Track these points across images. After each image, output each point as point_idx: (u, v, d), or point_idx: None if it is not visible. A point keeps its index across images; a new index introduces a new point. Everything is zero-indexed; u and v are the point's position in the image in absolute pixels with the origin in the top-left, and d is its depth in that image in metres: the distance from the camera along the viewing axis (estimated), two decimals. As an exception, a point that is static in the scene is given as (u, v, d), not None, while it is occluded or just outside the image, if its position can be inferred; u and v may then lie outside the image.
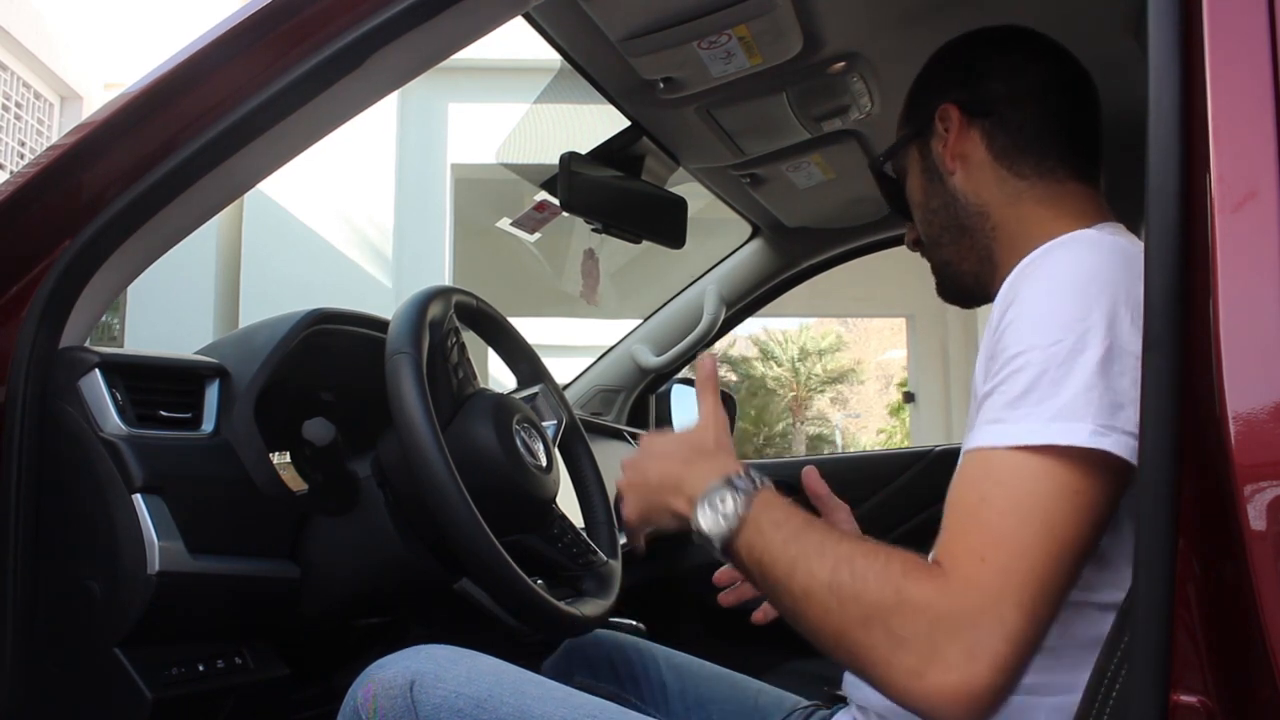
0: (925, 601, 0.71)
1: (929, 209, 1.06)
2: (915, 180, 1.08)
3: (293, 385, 1.12)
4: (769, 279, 2.18)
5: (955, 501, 0.78)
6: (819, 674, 1.50)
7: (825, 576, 0.75)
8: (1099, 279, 0.79)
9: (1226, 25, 0.65)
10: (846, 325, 22.19)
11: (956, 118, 1.01)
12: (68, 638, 0.95)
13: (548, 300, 6.85)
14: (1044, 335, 0.77)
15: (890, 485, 2.17)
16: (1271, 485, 0.59)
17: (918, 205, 1.08)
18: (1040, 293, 0.80)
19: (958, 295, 1.08)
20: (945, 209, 1.04)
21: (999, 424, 0.76)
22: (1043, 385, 0.75)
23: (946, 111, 1.02)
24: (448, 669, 0.88)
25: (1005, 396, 0.77)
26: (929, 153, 1.05)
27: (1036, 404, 0.75)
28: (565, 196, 1.43)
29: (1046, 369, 0.75)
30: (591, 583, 1.23)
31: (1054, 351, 0.76)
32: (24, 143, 6.06)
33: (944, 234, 1.05)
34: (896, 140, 1.09)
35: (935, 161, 1.04)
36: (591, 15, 1.22)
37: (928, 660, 0.70)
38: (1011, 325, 0.80)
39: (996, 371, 0.79)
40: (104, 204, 0.96)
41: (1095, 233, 0.87)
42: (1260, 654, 0.58)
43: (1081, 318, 0.77)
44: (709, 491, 0.84)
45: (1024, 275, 0.83)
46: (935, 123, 1.03)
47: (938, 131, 1.03)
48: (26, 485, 0.94)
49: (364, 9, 0.92)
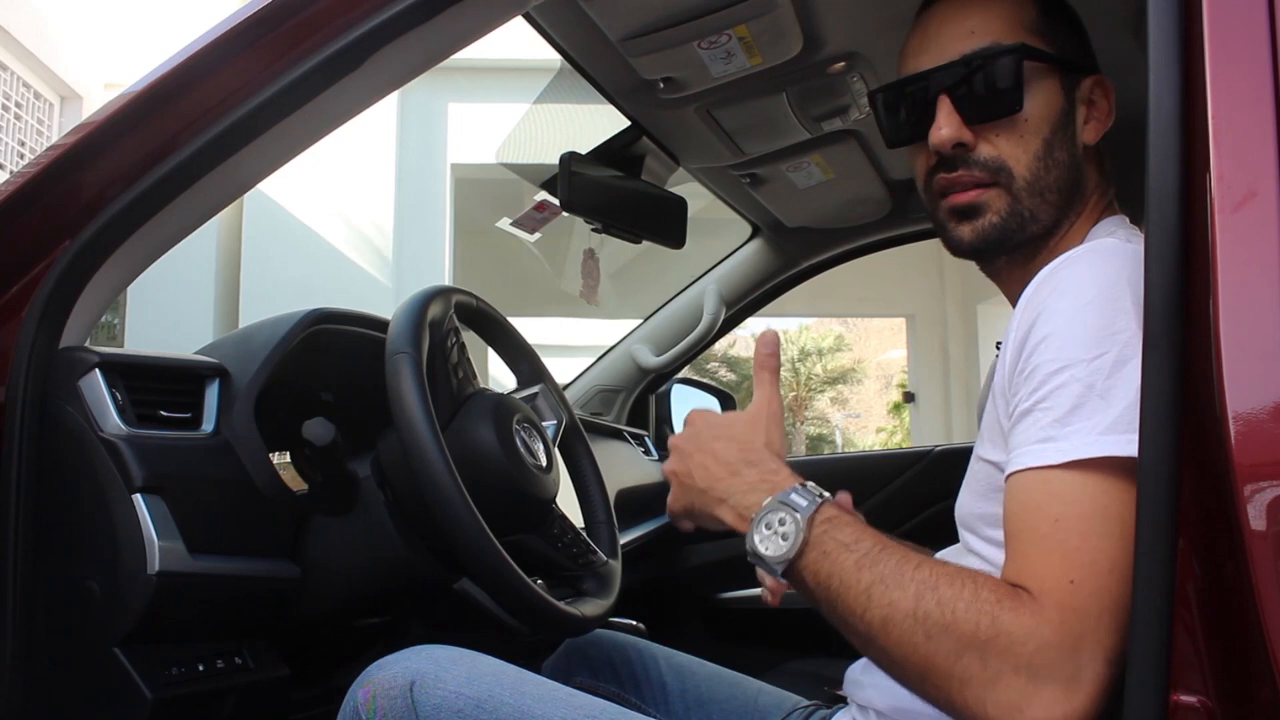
0: (1025, 632, 0.69)
1: (1051, 157, 0.94)
2: (1044, 121, 0.94)
3: (293, 385, 1.12)
4: (769, 279, 2.18)
5: (1025, 529, 0.74)
6: (819, 674, 1.50)
7: (908, 605, 0.72)
8: (1127, 289, 0.77)
9: (1226, 25, 0.65)
10: (846, 325, 22.17)
11: (1108, 102, 0.98)
12: (68, 638, 0.95)
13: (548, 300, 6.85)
14: (1084, 349, 0.75)
15: (890, 485, 2.17)
16: (1271, 485, 0.59)
17: (1037, 137, 0.94)
18: (1071, 307, 0.78)
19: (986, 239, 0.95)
20: (1067, 168, 0.95)
21: (1051, 442, 0.74)
22: (1092, 400, 0.74)
23: (1105, 85, 0.98)
24: (448, 669, 0.88)
25: (1053, 414, 0.75)
26: (1072, 102, 0.96)
27: (1089, 418, 0.73)
28: (565, 196, 1.43)
29: (1093, 383, 0.74)
30: (591, 583, 1.23)
31: (1098, 365, 0.74)
32: (24, 143, 6.06)
33: (1049, 188, 0.94)
34: (1045, 51, 0.94)
35: (1076, 121, 0.96)
36: (591, 15, 1.22)
37: (1029, 694, 0.68)
38: (1046, 341, 0.77)
39: (1036, 388, 0.77)
40: (104, 204, 0.96)
41: (1113, 241, 0.86)
42: (1260, 654, 0.58)
43: (1118, 329, 0.75)
44: (764, 512, 0.80)
45: (1047, 285, 0.81)
46: (1088, 87, 0.97)
47: (1086, 97, 0.97)
48: (26, 485, 0.94)
49: (364, 9, 0.92)
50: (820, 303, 10.06)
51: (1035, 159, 0.94)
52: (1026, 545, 0.74)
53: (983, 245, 0.95)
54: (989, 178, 0.94)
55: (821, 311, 15.12)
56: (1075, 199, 0.96)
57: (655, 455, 2.22)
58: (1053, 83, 0.95)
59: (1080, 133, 0.97)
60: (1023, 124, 0.93)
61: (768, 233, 2.10)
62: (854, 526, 0.79)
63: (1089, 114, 0.97)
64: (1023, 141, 0.93)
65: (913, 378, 10.29)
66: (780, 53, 1.34)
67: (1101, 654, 0.68)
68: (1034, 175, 0.93)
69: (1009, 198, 0.94)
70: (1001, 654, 0.69)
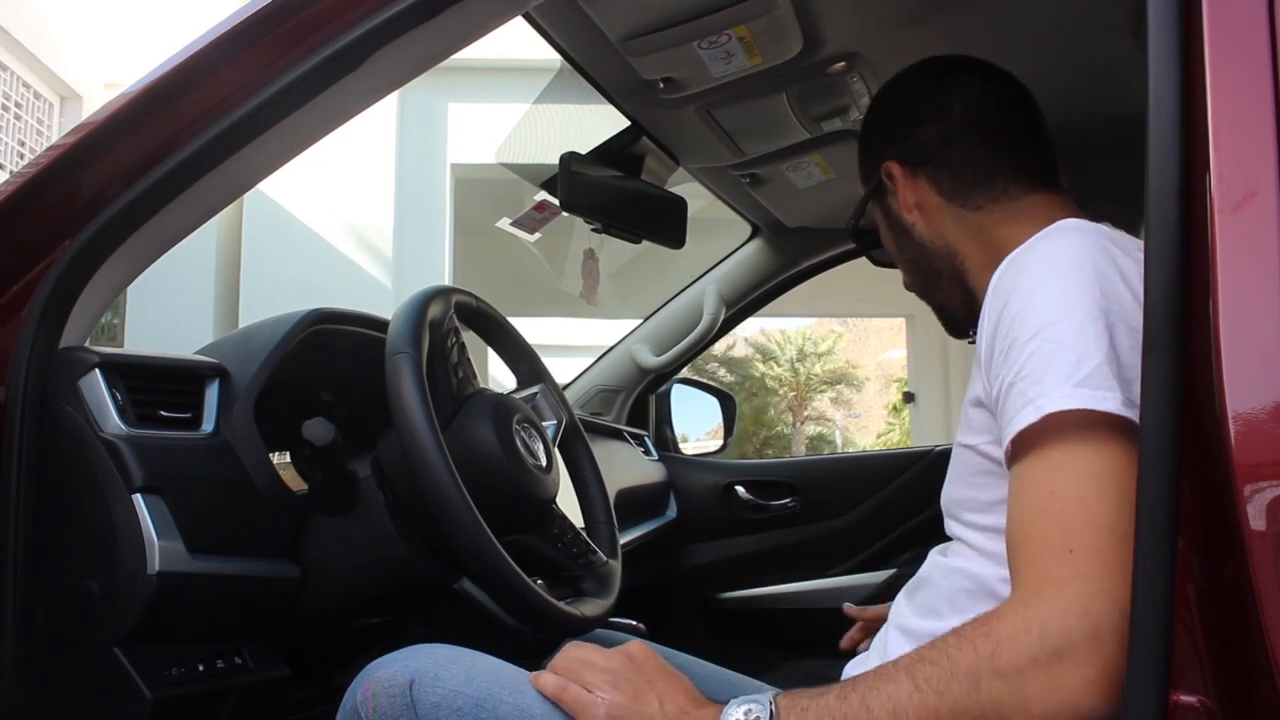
0: (1023, 623, 0.69)
1: (905, 260, 1.10)
2: (886, 235, 1.12)
3: (293, 385, 1.12)
4: (769, 279, 2.18)
5: (1027, 507, 0.74)
6: (819, 674, 1.50)
7: (906, 688, 0.71)
8: (1093, 258, 0.79)
9: (1226, 25, 0.65)
10: (846, 325, 22.18)
11: (900, 173, 1.05)
12: (68, 638, 0.95)
13: (548, 300, 6.85)
14: (1053, 313, 0.77)
15: (890, 485, 2.17)
16: (1271, 485, 0.59)
17: (896, 258, 1.12)
18: (1040, 279, 0.80)
19: (963, 329, 1.09)
20: (919, 258, 1.07)
21: (1031, 404, 0.75)
22: (1062, 354, 0.75)
23: (890, 169, 1.05)
24: (447, 668, 0.88)
25: (1030, 378, 0.76)
26: (889, 209, 1.08)
27: (1059, 370, 0.74)
28: (565, 196, 1.43)
29: (1062, 341, 0.75)
30: (591, 583, 1.23)
31: (1065, 326, 0.76)
32: (24, 143, 6.06)
33: (927, 280, 1.08)
34: (859, 203, 1.13)
35: (896, 217, 1.07)
36: (591, 15, 1.22)
37: (1059, 671, 0.67)
38: (1018, 315, 0.79)
39: (1013, 361, 0.78)
40: (104, 204, 0.96)
41: (1076, 220, 0.87)
42: (1260, 654, 0.58)
43: (1085, 294, 0.77)
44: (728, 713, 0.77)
45: (1014, 267, 0.83)
46: (885, 181, 1.06)
47: (889, 189, 1.06)
48: (26, 485, 0.93)
49: (364, 9, 0.92)
50: (820, 303, 10.06)
51: (906, 273, 1.11)
52: (1029, 526, 0.74)
53: (961, 336, 1.10)
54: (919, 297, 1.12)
55: (821, 311, 15.12)
56: (950, 263, 1.04)
57: (655, 455, 2.22)
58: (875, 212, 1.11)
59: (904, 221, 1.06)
60: (892, 255, 1.12)
61: (768, 233, 2.10)
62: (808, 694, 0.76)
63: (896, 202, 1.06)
64: (899, 265, 1.12)
65: (913, 378, 10.30)
66: (780, 53, 1.34)
67: (1117, 608, 0.67)
68: (914, 284, 1.11)
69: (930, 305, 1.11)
70: (1012, 657, 0.68)
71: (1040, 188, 1.00)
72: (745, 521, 2.20)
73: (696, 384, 2.49)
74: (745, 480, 2.23)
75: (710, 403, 2.46)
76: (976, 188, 1.01)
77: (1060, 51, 1.33)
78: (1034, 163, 1.01)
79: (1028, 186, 1.00)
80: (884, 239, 1.12)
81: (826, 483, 2.21)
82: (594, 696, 0.81)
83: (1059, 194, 1.01)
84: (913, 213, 1.04)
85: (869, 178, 1.10)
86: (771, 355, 21.45)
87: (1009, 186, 1.00)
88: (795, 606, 2.16)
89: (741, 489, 2.22)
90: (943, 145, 1.02)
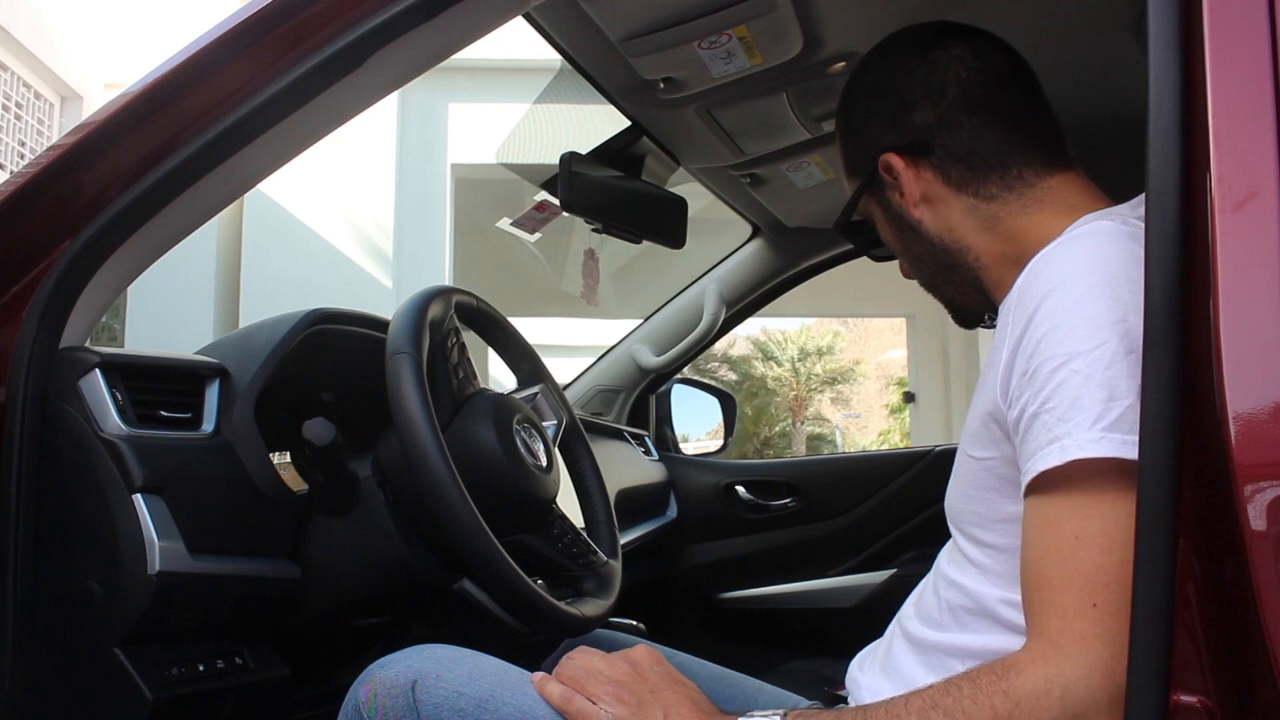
0: (1044, 682, 0.67)
1: (912, 256, 1.01)
2: (886, 231, 1.02)
3: (293, 385, 1.12)
4: (769, 279, 2.18)
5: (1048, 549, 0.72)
6: (819, 674, 1.50)
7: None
8: (1126, 267, 0.74)
9: (1226, 25, 0.65)
10: (846, 325, 22.18)
11: (901, 165, 0.95)
12: (68, 637, 0.95)
13: (548, 300, 6.86)
14: (1083, 340, 0.73)
15: (890, 485, 2.17)
16: (1271, 485, 0.59)
17: (900, 254, 1.03)
18: (1069, 299, 0.75)
19: (975, 320, 1.03)
20: (926, 254, 0.98)
21: (1056, 442, 0.72)
22: (1091, 390, 0.71)
23: (888, 163, 0.96)
24: (449, 668, 0.88)
25: (1057, 413, 0.72)
26: (888, 204, 0.99)
27: (1088, 409, 0.71)
28: (565, 196, 1.43)
29: (1092, 374, 0.72)
30: (592, 583, 1.23)
31: (1097, 356, 0.72)
32: (24, 143, 6.06)
33: (937, 276, 1.00)
34: (850, 198, 1.03)
35: (898, 212, 0.98)
36: (591, 15, 1.22)
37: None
38: (1045, 338, 0.75)
39: (1040, 389, 0.74)
40: (104, 204, 0.96)
41: (1107, 223, 0.82)
42: (1260, 654, 0.58)
43: (1118, 320, 0.73)
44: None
45: (1041, 278, 0.78)
46: (882, 175, 0.97)
47: (888, 183, 0.97)
48: (26, 485, 0.93)
49: (364, 9, 0.92)
50: (820, 303, 10.06)
51: (912, 269, 1.02)
52: (1049, 570, 0.71)
53: (972, 328, 1.04)
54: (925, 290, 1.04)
55: (821, 311, 15.13)
56: (962, 258, 0.96)
57: (655, 455, 2.22)
58: (870, 205, 1.02)
59: (909, 217, 0.97)
60: (893, 250, 1.03)
61: (768, 233, 2.10)
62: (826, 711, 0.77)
63: (899, 197, 0.97)
64: (903, 261, 1.03)
65: (913, 378, 10.30)
66: (780, 53, 1.34)
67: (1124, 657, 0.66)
68: (923, 280, 1.02)
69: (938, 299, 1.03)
70: (1031, 716, 0.67)
71: (1055, 168, 0.93)
72: (745, 521, 2.20)
73: (697, 384, 2.49)
74: (745, 480, 2.23)
75: (710, 402, 2.46)
76: (990, 174, 0.92)
77: (1060, 51, 1.33)
78: (1044, 138, 0.94)
79: (1042, 168, 0.92)
80: (884, 235, 1.03)
81: (826, 483, 2.21)
82: (598, 709, 0.81)
83: (1074, 171, 0.94)
84: (919, 208, 0.95)
85: (858, 170, 1.01)
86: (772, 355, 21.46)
87: (1023, 171, 0.92)
88: (795, 606, 2.16)
89: (742, 489, 2.22)
90: (943, 130, 0.93)
